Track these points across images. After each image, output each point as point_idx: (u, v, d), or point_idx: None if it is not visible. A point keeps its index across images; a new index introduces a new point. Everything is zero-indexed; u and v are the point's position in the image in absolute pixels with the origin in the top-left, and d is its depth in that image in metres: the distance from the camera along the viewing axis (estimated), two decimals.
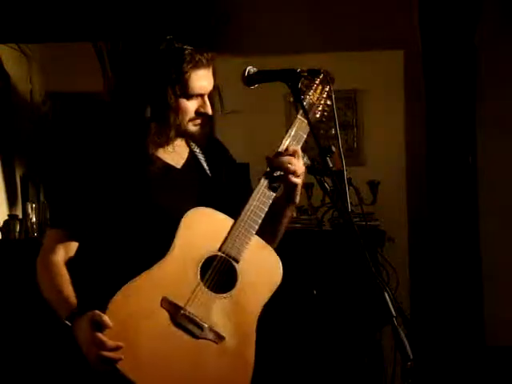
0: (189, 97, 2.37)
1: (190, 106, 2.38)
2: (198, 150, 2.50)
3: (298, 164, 2.35)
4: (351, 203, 2.23)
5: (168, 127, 2.37)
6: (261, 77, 2.41)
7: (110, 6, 4.82)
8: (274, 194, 2.36)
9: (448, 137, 5.03)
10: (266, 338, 2.38)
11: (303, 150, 2.42)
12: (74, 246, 2.36)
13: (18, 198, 5.10)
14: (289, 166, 2.34)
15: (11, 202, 5.04)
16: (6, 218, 4.61)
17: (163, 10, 4.82)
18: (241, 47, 5.13)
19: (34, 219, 4.45)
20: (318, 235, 4.50)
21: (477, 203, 5.08)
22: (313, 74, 2.35)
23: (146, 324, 2.18)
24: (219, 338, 2.24)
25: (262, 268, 2.35)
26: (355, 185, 4.44)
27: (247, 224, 2.31)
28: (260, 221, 2.32)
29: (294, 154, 2.35)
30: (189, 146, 2.49)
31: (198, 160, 2.49)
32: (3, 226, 4.55)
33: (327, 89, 2.47)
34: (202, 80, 2.38)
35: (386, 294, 2.01)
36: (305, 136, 2.40)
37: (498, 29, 5.11)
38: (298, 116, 2.40)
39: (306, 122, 2.38)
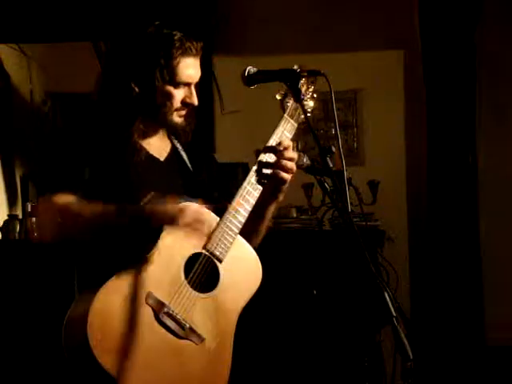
0: (176, 84, 2.34)
1: (177, 94, 2.35)
2: (179, 146, 2.48)
3: (293, 157, 2.34)
4: (351, 203, 2.23)
5: (154, 114, 2.35)
6: (261, 77, 2.41)
7: (110, 5, 4.82)
8: (258, 194, 2.34)
9: (448, 137, 5.03)
10: (266, 338, 2.38)
11: (303, 150, 2.43)
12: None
13: (18, 198, 5.10)
14: (282, 161, 2.33)
15: (11, 202, 5.04)
16: (6, 218, 4.61)
17: (163, 10, 4.82)
18: (241, 47, 5.13)
19: (33, 219, 4.44)
20: (317, 235, 4.50)
21: (477, 203, 5.08)
22: (313, 74, 2.35)
23: (130, 319, 2.15)
24: (199, 339, 2.22)
25: (243, 269, 2.33)
26: (355, 185, 4.44)
27: (232, 223, 2.29)
28: (244, 220, 2.30)
29: (287, 148, 2.34)
30: (171, 140, 2.47)
31: (179, 155, 2.47)
32: (3, 226, 4.54)
33: (311, 88, 2.48)
34: (190, 68, 2.36)
35: (386, 294, 2.01)
36: (290, 136, 2.39)
37: (498, 28, 5.11)
38: (285, 115, 2.41)
39: (291, 121, 2.39)
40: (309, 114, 2.45)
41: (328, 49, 5.11)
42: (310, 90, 2.48)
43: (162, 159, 2.43)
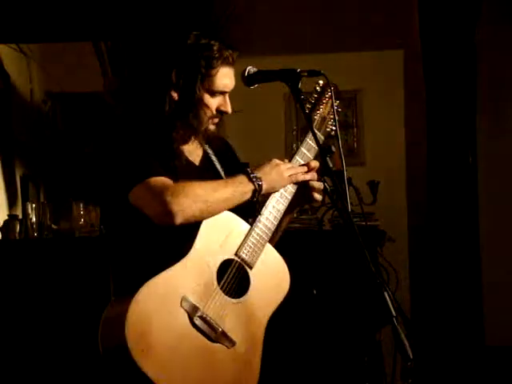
0: (212, 93, 2.39)
1: (213, 102, 2.40)
2: (210, 152, 2.52)
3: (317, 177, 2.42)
4: (351, 203, 2.23)
5: (189, 121, 2.38)
6: (261, 77, 2.42)
7: (110, 5, 4.82)
8: (287, 204, 2.40)
9: (448, 136, 5.03)
10: (266, 338, 2.39)
11: None
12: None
13: (18, 198, 5.09)
14: (315, 183, 2.41)
15: (11, 201, 5.04)
16: (6, 218, 4.60)
17: (163, 10, 4.82)
18: (241, 47, 5.12)
19: (33, 219, 4.44)
20: (317, 235, 4.50)
21: (477, 203, 5.08)
22: (313, 74, 2.35)
23: (166, 322, 2.19)
24: (231, 343, 2.26)
25: (272, 277, 2.39)
26: (355, 185, 4.44)
27: (262, 231, 2.34)
28: (273, 229, 2.36)
29: (315, 168, 2.41)
30: (202, 145, 2.50)
31: (211, 160, 2.52)
32: (3, 226, 4.54)
33: (337, 103, 2.52)
34: (227, 77, 2.40)
35: (386, 294, 2.01)
36: (316, 149, 2.43)
37: (498, 28, 5.11)
38: (313, 128, 2.44)
39: (318, 134, 2.42)
40: (334, 128, 2.51)
41: (328, 49, 5.12)
42: (336, 104, 2.53)
43: (196, 164, 2.47)
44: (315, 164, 2.42)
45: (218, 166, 2.51)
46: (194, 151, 2.47)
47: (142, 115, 2.41)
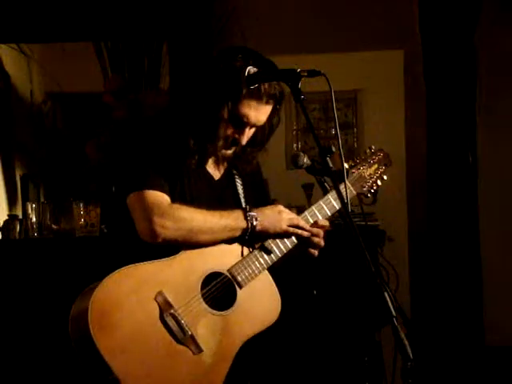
0: (230, 120, 2.36)
1: (227, 129, 2.38)
2: (235, 171, 2.52)
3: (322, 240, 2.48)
4: (351, 203, 2.23)
5: (207, 141, 2.37)
6: (261, 77, 2.41)
7: (110, 5, 4.82)
8: (296, 241, 2.43)
9: (448, 137, 5.03)
10: (266, 338, 2.38)
11: (303, 150, 2.44)
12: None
13: (18, 198, 5.09)
14: (315, 239, 2.48)
15: (11, 202, 5.04)
16: (6, 217, 4.60)
17: (163, 10, 4.82)
18: None
19: (33, 219, 4.44)
20: None
21: (477, 203, 5.08)
22: (313, 74, 2.35)
23: (134, 308, 2.17)
24: (198, 349, 2.24)
25: (261, 303, 2.38)
26: None
27: (262, 257, 2.37)
28: (275, 259, 2.39)
29: (324, 227, 2.48)
30: (228, 163, 2.51)
31: (233, 179, 2.52)
32: (3, 225, 4.54)
33: (382, 169, 2.56)
34: (251, 109, 2.37)
35: (386, 294, 2.01)
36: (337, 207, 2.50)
37: (498, 28, 5.11)
38: (347, 181, 2.47)
39: (351, 188, 2.54)
40: (372, 191, 2.66)
41: (328, 49, 5.11)
42: (381, 169, 2.56)
43: (215, 178, 2.48)
44: (324, 223, 2.46)
45: (240, 187, 2.51)
46: (216, 166, 2.48)
47: (167, 121, 2.41)
